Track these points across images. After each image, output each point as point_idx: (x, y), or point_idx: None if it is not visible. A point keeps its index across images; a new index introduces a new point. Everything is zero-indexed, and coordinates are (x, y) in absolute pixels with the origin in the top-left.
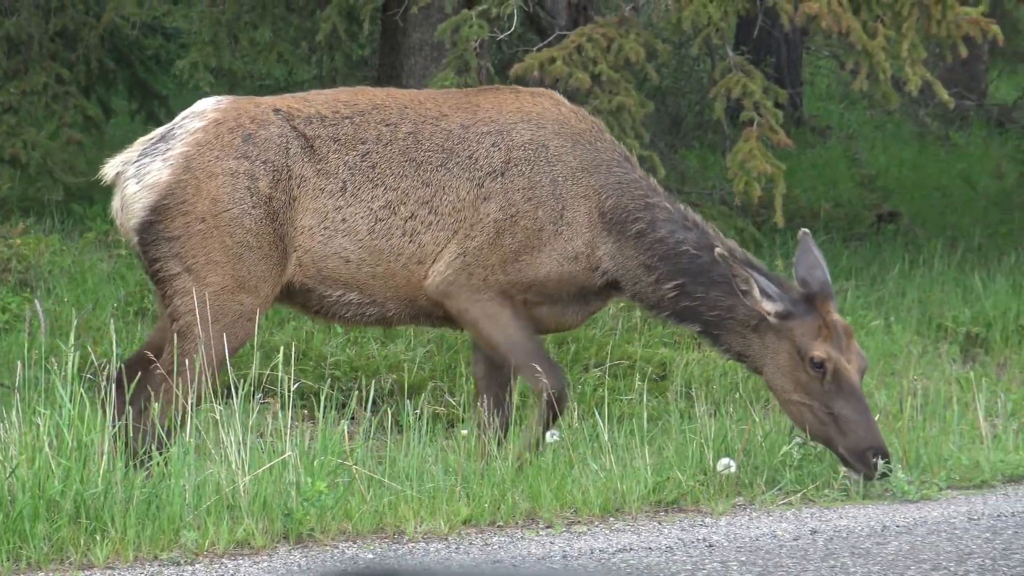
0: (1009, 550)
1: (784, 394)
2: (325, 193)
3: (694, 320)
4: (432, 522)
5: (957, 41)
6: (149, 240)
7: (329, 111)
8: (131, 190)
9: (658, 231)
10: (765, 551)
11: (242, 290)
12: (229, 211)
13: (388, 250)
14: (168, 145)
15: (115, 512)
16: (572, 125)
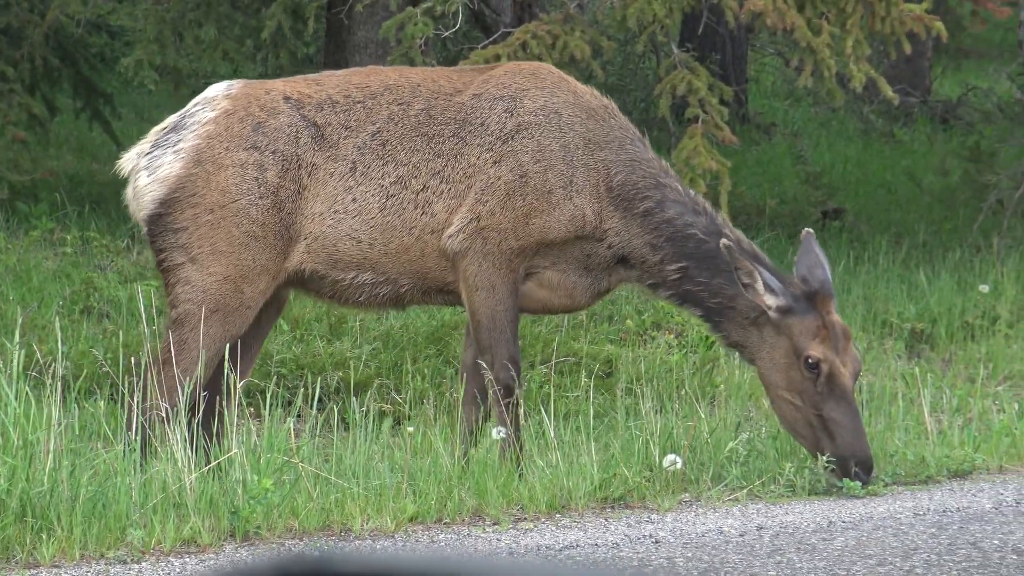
0: (955, 545)
1: (775, 389)
2: (335, 177)
3: (695, 304)
4: (379, 519)
5: (901, 38)
6: (157, 231)
7: (341, 96)
8: (143, 182)
9: (666, 211)
10: (711, 547)
11: (244, 280)
12: (237, 202)
13: (400, 225)
14: (179, 136)
15: (61, 511)
16: (586, 100)
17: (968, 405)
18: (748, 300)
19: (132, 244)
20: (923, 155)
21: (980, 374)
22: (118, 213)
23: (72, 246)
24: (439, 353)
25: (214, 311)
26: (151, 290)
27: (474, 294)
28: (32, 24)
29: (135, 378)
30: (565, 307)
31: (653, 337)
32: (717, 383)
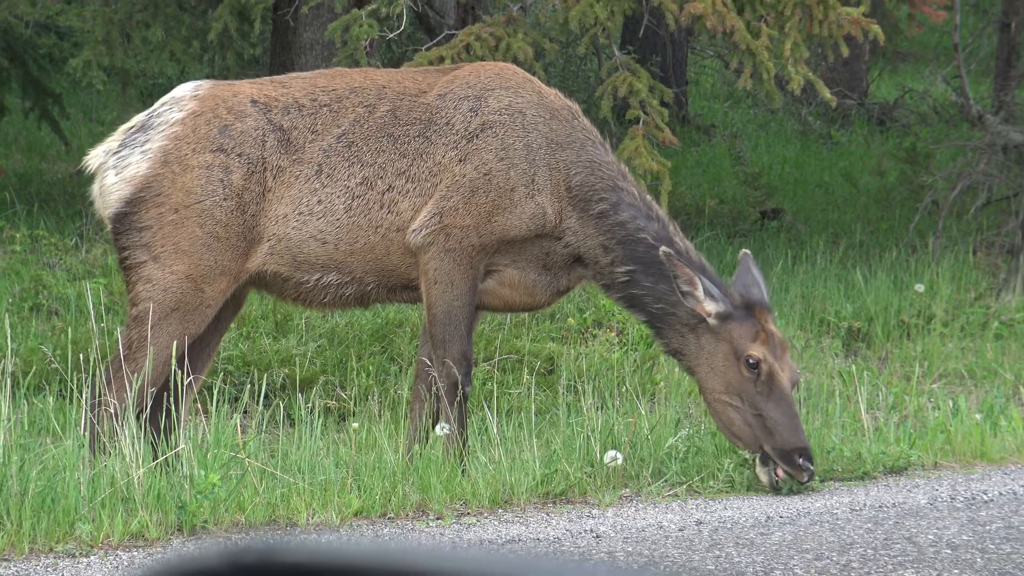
0: (890, 540)
1: (714, 394)
2: (300, 179)
3: (640, 308)
4: (324, 514)
5: (839, 41)
6: (121, 229)
7: (307, 99)
8: (109, 181)
9: (620, 214)
10: (651, 541)
11: (204, 280)
12: (201, 202)
13: (367, 224)
14: (147, 136)
15: (10, 504)
16: (550, 100)
17: (904, 402)
18: (689, 308)
19: (81, 242)
20: (860, 156)
21: (916, 372)
22: (67, 211)
23: (21, 244)
24: (384, 350)
25: (174, 309)
26: (99, 288)
27: (432, 287)
28: None
29: (85, 374)
30: (526, 305)
31: (595, 335)
32: (657, 380)
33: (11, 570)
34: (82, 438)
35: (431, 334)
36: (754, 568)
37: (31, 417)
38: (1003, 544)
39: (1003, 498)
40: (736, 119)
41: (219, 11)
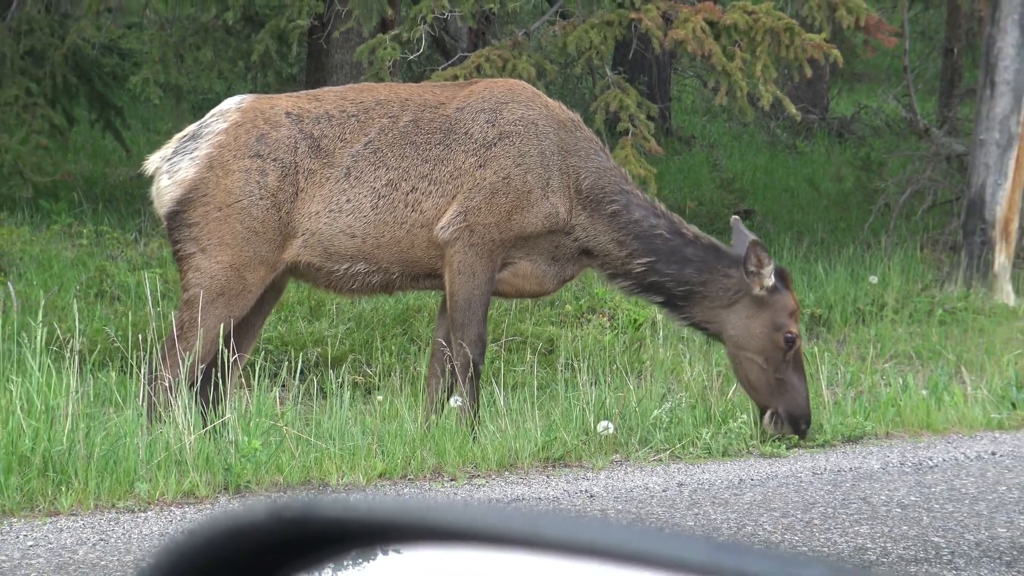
0: (847, 500)
1: (745, 352)
2: (331, 180)
3: (658, 292)
4: (352, 475)
5: (803, 63)
6: (174, 225)
7: (337, 110)
8: (163, 183)
9: (632, 213)
10: (638, 501)
11: (245, 268)
12: (240, 202)
13: (392, 220)
14: (196, 144)
15: (78, 466)
16: (556, 112)
17: (859, 380)
18: (720, 283)
19: (139, 237)
20: (821, 164)
21: (870, 353)
22: (127, 210)
23: (88, 238)
24: (405, 332)
25: (219, 294)
26: (156, 277)
27: (456, 277)
28: (53, 47)
29: (143, 352)
30: (535, 292)
31: (589, 320)
32: (644, 359)
33: (79, 523)
34: (140, 408)
35: (452, 318)
36: (728, 524)
37: (96, 390)
38: (946, 504)
39: (946, 464)
40: (713, 131)
41: (261, 35)
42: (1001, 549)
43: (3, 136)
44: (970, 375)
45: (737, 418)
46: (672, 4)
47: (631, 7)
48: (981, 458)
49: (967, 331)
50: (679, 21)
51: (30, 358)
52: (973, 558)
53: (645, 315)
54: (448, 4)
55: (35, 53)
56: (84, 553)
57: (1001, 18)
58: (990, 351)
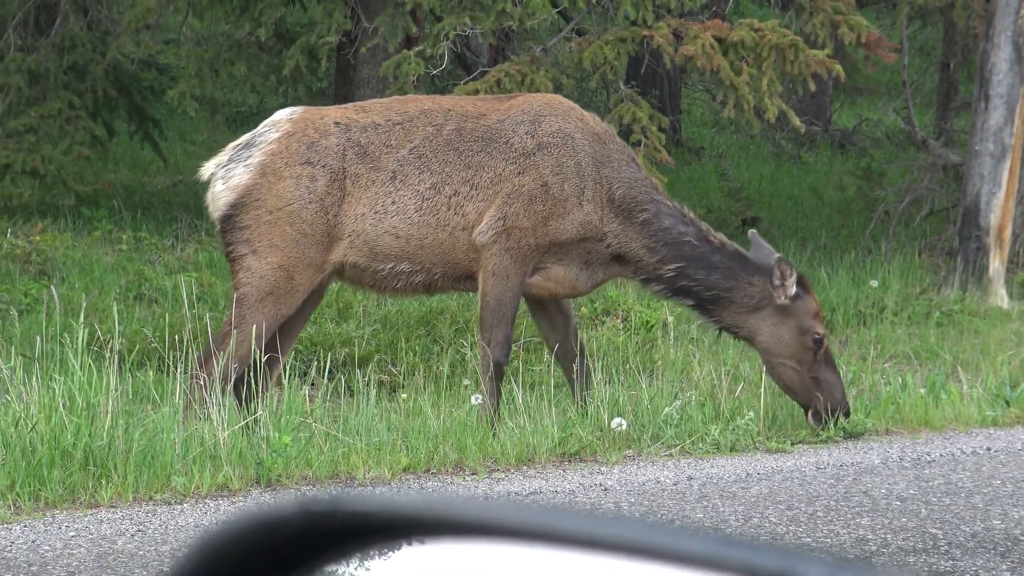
0: (849, 494)
1: (778, 358)
2: (376, 184)
3: (687, 296)
4: (378, 469)
5: (807, 78)
6: (227, 228)
7: (383, 119)
8: (218, 188)
9: (662, 222)
10: (650, 494)
11: (294, 270)
12: (291, 205)
13: (435, 223)
14: (250, 152)
15: (117, 461)
16: (591, 125)
17: (861, 379)
18: (744, 290)
19: (176, 242)
20: (824, 174)
21: (870, 353)
22: (165, 217)
23: (127, 244)
24: (428, 333)
25: (268, 293)
26: (192, 280)
27: (490, 278)
28: (94, 62)
29: (179, 352)
30: (568, 295)
31: (603, 321)
32: (655, 359)
33: (118, 515)
34: (177, 406)
35: (481, 318)
36: (736, 516)
37: (134, 388)
38: (944, 497)
39: (943, 459)
40: (721, 142)
41: (292, 51)
42: (996, 540)
43: (47, 147)
44: (966, 374)
45: (744, 415)
46: (682, 22)
47: (643, 25)
48: (977, 453)
49: (963, 333)
50: (689, 38)
51: (72, 358)
52: (969, 549)
53: (657, 317)
54: (469, 22)
55: (77, 68)
56: (123, 543)
57: (995, 35)
58: (985, 352)
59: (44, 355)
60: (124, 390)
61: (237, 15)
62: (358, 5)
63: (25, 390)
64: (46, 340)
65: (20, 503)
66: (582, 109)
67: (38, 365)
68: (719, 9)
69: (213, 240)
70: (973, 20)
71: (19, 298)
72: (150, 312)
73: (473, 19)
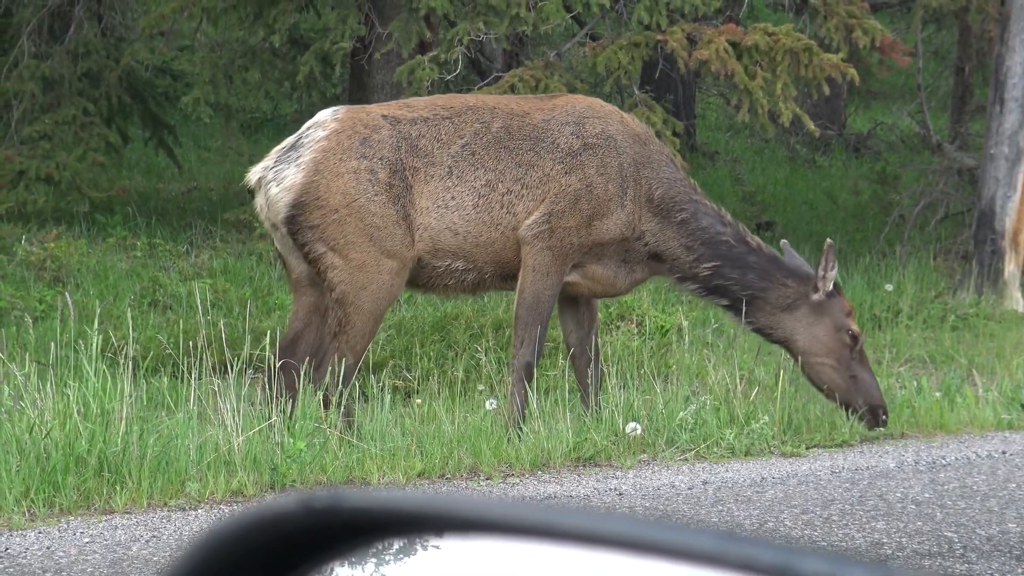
0: (864, 497)
1: (816, 358)
2: (435, 179)
3: (723, 295)
4: (392, 475)
5: (821, 82)
6: (295, 230)
7: (430, 114)
8: (273, 191)
9: (700, 222)
10: (665, 498)
11: (382, 259)
12: (357, 200)
13: (489, 221)
14: (298, 153)
15: (132, 467)
16: (632, 127)
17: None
18: (779, 291)
19: (191, 249)
20: (839, 178)
21: (886, 357)
22: (179, 223)
23: (141, 250)
24: (443, 339)
25: (362, 288)
26: (206, 287)
27: (529, 274)
28: (109, 69)
29: (193, 359)
30: (606, 293)
31: (618, 326)
32: (670, 364)
33: (133, 520)
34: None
35: (516, 315)
36: (751, 520)
37: (149, 394)
38: (959, 501)
39: (958, 462)
40: (736, 147)
41: (306, 57)
42: (1011, 543)
43: (61, 154)
44: (981, 378)
45: (759, 419)
46: (696, 26)
47: (657, 29)
48: (992, 457)
49: (978, 336)
50: (703, 42)
51: (86, 364)
52: (984, 552)
53: (671, 322)
54: (483, 27)
55: (92, 75)
56: (137, 549)
57: (1010, 38)
58: (1000, 355)
59: (59, 361)
60: (138, 396)
61: (251, 21)
62: (372, 11)
63: (40, 396)
64: (60, 347)
65: (35, 509)
66: (621, 111)
67: (52, 372)
68: (733, 13)
69: (228, 246)
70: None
71: (34, 305)
72: (164, 318)
73: (487, 24)
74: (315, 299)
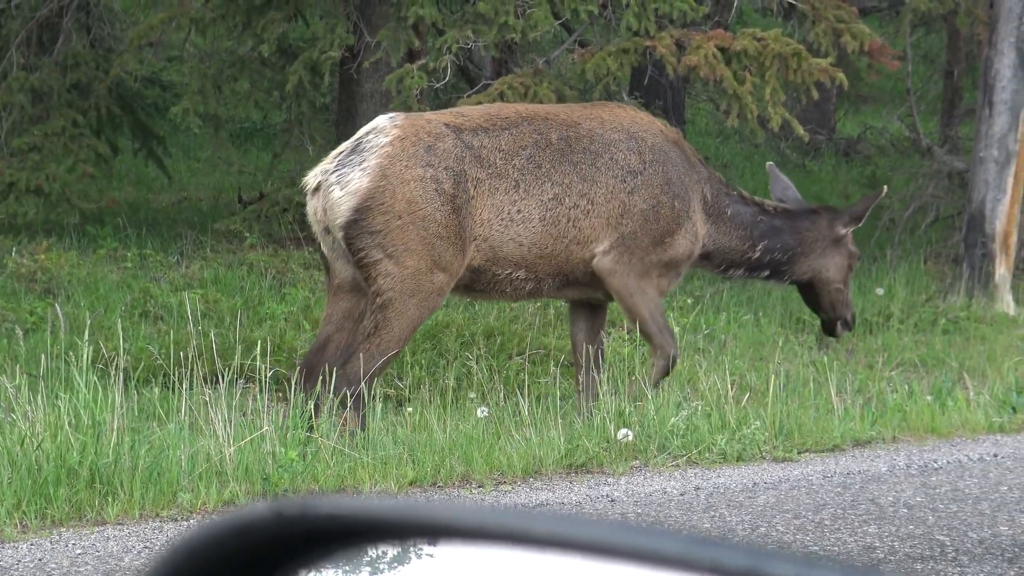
0: (856, 501)
1: (835, 285)
2: (500, 191)
3: (764, 268)
4: (384, 483)
5: (810, 86)
6: (354, 234)
7: (488, 124)
8: (336, 195)
9: (739, 209)
10: (657, 504)
11: (436, 269)
12: (423, 209)
13: (555, 234)
14: (362, 157)
15: (123, 478)
16: (669, 133)
17: (868, 387)
18: (809, 242)
19: (181, 260)
20: (829, 182)
21: (877, 362)
22: (170, 234)
23: (132, 261)
24: (434, 347)
25: (411, 296)
26: (196, 297)
27: (630, 300)
28: (98, 79)
29: (184, 369)
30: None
31: (609, 333)
32: None
33: (125, 532)
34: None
35: (647, 334)
36: (743, 526)
37: (140, 405)
38: (951, 504)
39: (950, 466)
40: (726, 152)
41: (295, 66)
42: (1003, 546)
43: (51, 165)
44: (972, 381)
45: (751, 424)
46: (685, 32)
47: (646, 35)
48: (983, 460)
49: (969, 339)
50: (692, 48)
51: (77, 375)
52: (976, 555)
53: None
54: (472, 35)
55: (81, 86)
56: (130, 560)
57: (998, 41)
58: (991, 358)
59: (49, 373)
60: (130, 407)
61: (240, 31)
62: (360, 20)
63: (31, 408)
64: (51, 358)
65: (27, 521)
66: (651, 116)
67: (43, 383)
68: (722, 19)
69: (218, 257)
70: (976, 27)
71: (24, 317)
72: (155, 329)
73: (476, 32)
74: (351, 305)
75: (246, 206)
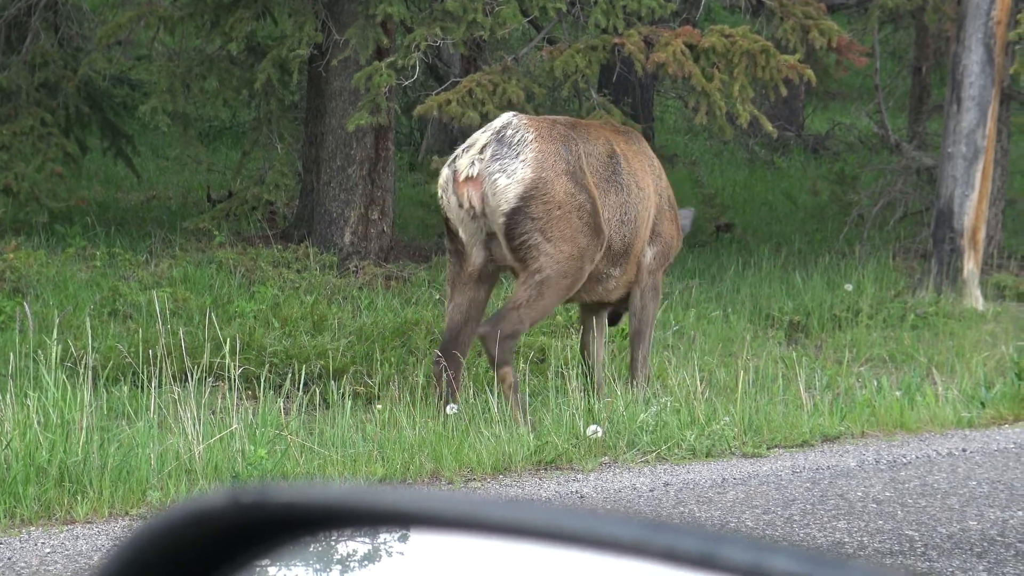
0: (825, 497)
1: None
2: (611, 193)
3: None
4: (354, 480)
5: (779, 83)
6: (518, 220)
7: (574, 133)
8: (502, 183)
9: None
10: (627, 500)
11: (584, 257)
12: (577, 199)
13: (640, 236)
14: (517, 150)
15: (93, 476)
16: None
17: (836, 382)
18: None
19: (150, 258)
20: (798, 179)
21: (846, 357)
22: (138, 233)
23: (101, 260)
24: (403, 344)
25: (563, 277)
26: (165, 296)
27: (646, 293)
28: (66, 79)
29: (153, 367)
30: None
31: (578, 329)
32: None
33: (94, 530)
34: (151, 420)
35: (638, 331)
36: (712, 521)
37: (109, 404)
38: (919, 499)
39: (919, 461)
40: (695, 149)
41: (263, 64)
42: (972, 541)
43: (19, 164)
44: (941, 376)
45: (720, 420)
46: (653, 29)
47: (614, 32)
48: (952, 455)
49: (938, 335)
50: (660, 45)
51: (46, 374)
52: (945, 550)
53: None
54: (440, 32)
55: (49, 85)
56: (99, 559)
57: (966, 37)
58: (960, 353)
59: (18, 372)
60: (99, 406)
61: (208, 30)
62: (329, 18)
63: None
64: (20, 357)
65: None
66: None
67: (12, 382)
68: (690, 16)
69: (187, 255)
70: (944, 23)
71: None
72: (124, 328)
73: (444, 30)
74: (477, 294)
75: (215, 204)
